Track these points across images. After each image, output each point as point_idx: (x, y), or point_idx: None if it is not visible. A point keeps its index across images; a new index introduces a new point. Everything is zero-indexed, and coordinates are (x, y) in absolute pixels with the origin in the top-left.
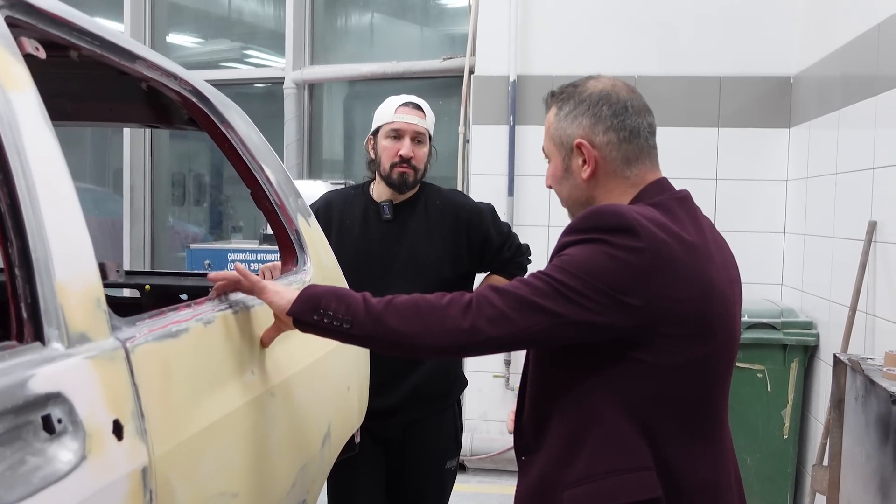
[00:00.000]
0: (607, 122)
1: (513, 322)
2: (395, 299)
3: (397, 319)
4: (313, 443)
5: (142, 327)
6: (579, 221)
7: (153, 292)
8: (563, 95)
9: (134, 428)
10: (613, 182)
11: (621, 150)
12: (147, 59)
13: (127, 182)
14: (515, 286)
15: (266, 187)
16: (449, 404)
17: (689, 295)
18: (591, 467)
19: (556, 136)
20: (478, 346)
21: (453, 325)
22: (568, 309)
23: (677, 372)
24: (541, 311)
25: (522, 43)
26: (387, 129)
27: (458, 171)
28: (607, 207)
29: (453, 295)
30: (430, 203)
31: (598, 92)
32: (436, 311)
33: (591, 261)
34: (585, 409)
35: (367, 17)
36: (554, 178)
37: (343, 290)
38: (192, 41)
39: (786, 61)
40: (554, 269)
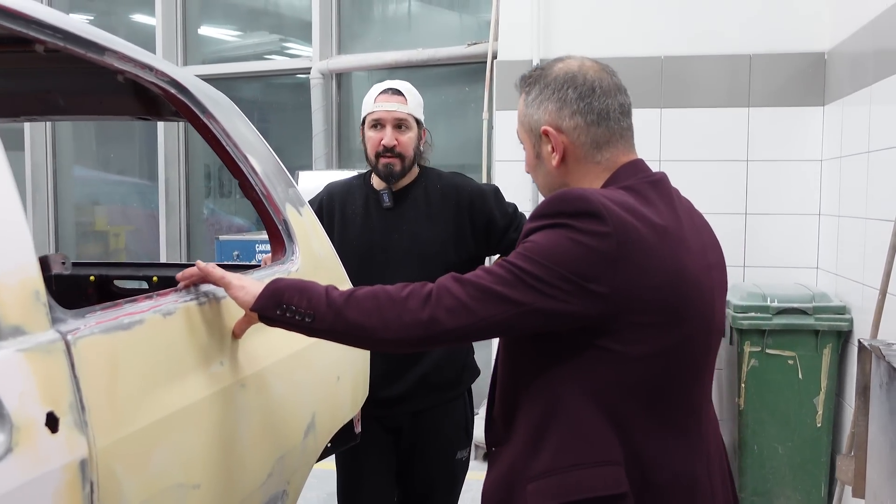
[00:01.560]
0: (573, 105)
1: (473, 312)
2: (356, 292)
3: (357, 313)
4: (293, 433)
5: (90, 319)
6: (544, 207)
7: (161, 283)
8: (531, 80)
9: (72, 420)
10: (585, 167)
11: (590, 134)
12: (118, 51)
13: (162, 174)
14: (477, 275)
15: (251, 177)
16: (459, 393)
17: (658, 281)
18: (556, 460)
19: (525, 122)
20: (437, 337)
21: (411, 318)
22: (530, 297)
23: (646, 361)
24: (502, 300)
25: (545, 26)
26: (369, 120)
27: (483, 157)
28: (572, 192)
29: (414, 286)
30: (431, 187)
31: (564, 74)
32: (395, 303)
33: (554, 247)
34: (552, 400)
35: (393, 4)
36: (528, 165)
37: (308, 283)
38: (225, 34)
39: (819, 36)
40: (517, 257)
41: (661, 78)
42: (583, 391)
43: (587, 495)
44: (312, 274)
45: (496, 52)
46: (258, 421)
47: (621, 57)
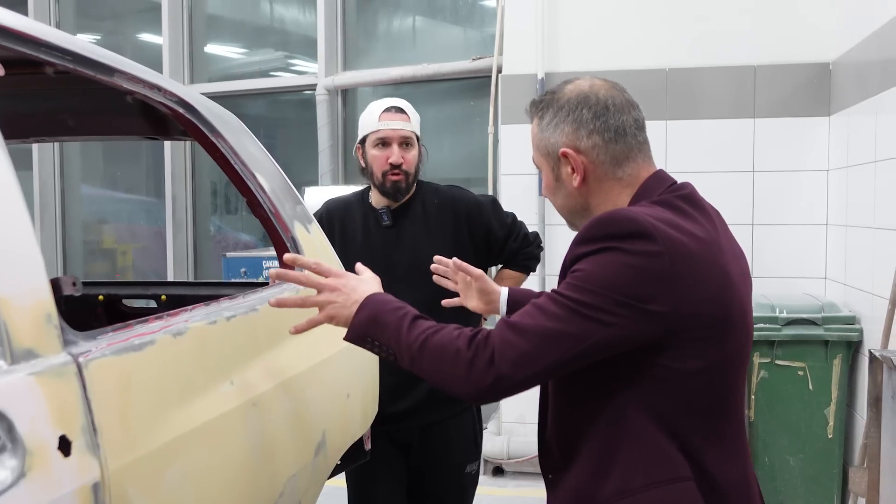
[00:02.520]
0: (589, 125)
1: (538, 359)
2: (428, 340)
3: (430, 364)
4: (304, 452)
5: (101, 341)
6: (589, 230)
7: (170, 302)
8: (542, 104)
9: (84, 443)
10: (607, 185)
11: (609, 152)
12: (126, 71)
13: (169, 192)
14: (533, 315)
15: (259, 195)
16: (466, 406)
17: (711, 294)
18: (627, 482)
19: (541, 146)
20: (509, 391)
21: (478, 381)
22: (592, 330)
23: (702, 374)
24: (564, 339)
25: (550, 40)
26: (373, 139)
27: (489, 171)
28: (618, 213)
29: (478, 341)
30: (428, 203)
31: (576, 95)
32: (461, 362)
33: (607, 272)
34: (614, 422)
35: (398, 20)
36: (547, 188)
37: (385, 313)
38: (231, 51)
39: (824, 46)
40: (570, 288)
41: (666, 90)
42: (643, 410)
43: None
44: None
45: (501, 67)
46: (269, 440)
47: (626, 70)
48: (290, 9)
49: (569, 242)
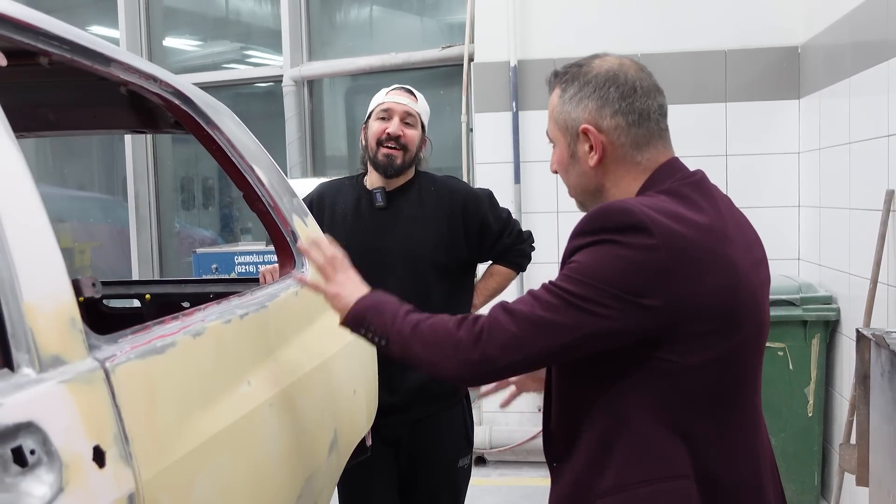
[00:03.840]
0: (615, 105)
1: (527, 345)
2: (420, 324)
3: (421, 347)
4: (319, 451)
5: (123, 344)
6: (586, 223)
7: (154, 301)
8: (567, 76)
9: (117, 453)
10: (623, 168)
11: (630, 135)
12: (123, 61)
13: (131, 189)
14: (527, 303)
15: (258, 189)
16: (457, 400)
17: (713, 286)
18: (623, 476)
19: (560, 119)
20: (494, 373)
21: (466, 358)
22: (584, 321)
23: (706, 368)
24: (556, 328)
25: (522, 27)
26: (377, 111)
27: (463, 160)
28: (614, 205)
29: (468, 320)
30: (425, 189)
31: (605, 72)
32: (451, 340)
33: (602, 265)
34: (613, 416)
35: (363, 10)
36: (560, 164)
37: (385, 303)
38: (189, 44)
39: (792, 31)
40: (564, 279)
41: None
42: (644, 405)
43: None
44: None
45: (472, 55)
46: (287, 440)
47: None
48: (248, 0)
49: (546, 232)
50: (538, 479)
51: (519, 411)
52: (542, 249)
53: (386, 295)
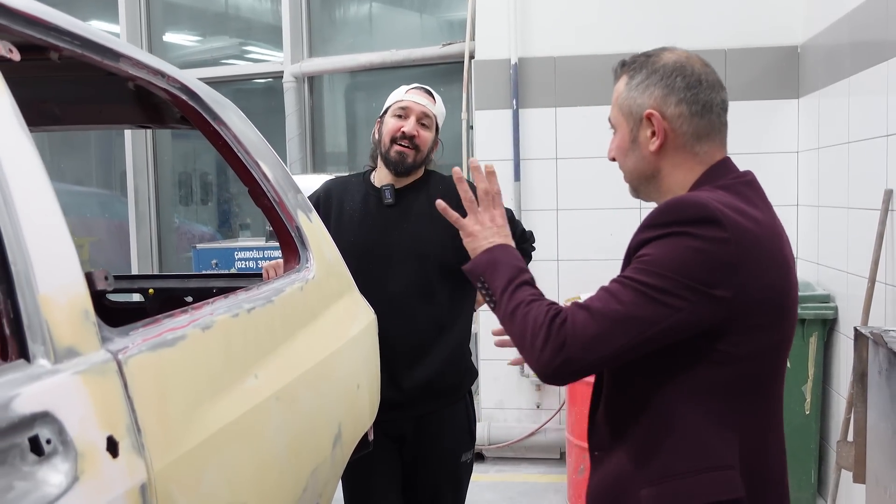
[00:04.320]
0: (680, 93)
1: (607, 343)
2: (519, 308)
3: (513, 331)
4: (324, 445)
5: (135, 337)
6: (658, 215)
7: (158, 296)
8: (635, 65)
9: (130, 443)
10: (681, 156)
11: (692, 124)
12: (132, 57)
13: (131, 184)
14: (604, 300)
15: (264, 184)
16: (461, 396)
17: (772, 281)
18: (670, 466)
19: (624, 105)
20: (578, 373)
21: (548, 359)
22: (661, 314)
23: (752, 361)
24: (636, 323)
25: (522, 24)
26: (394, 108)
27: (463, 158)
28: (687, 198)
29: (555, 320)
30: (433, 189)
31: (672, 63)
32: (538, 337)
33: (675, 257)
34: (662, 406)
35: (364, 6)
36: (620, 149)
37: (503, 265)
38: (189, 40)
39: (792, 30)
40: (639, 272)
41: None
42: (692, 395)
43: (705, 500)
44: (325, 280)
45: (473, 52)
46: (293, 434)
47: (599, 54)
48: None
49: (546, 229)
50: (536, 475)
51: (517, 408)
52: (542, 247)
53: (509, 253)
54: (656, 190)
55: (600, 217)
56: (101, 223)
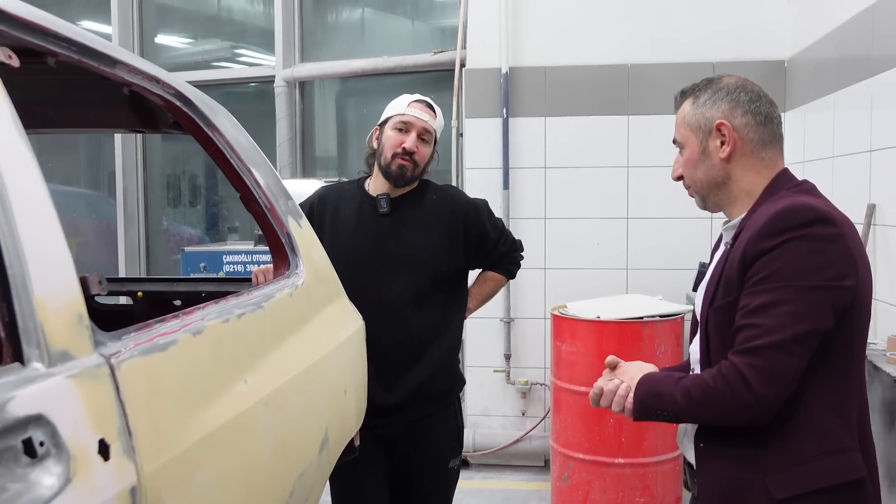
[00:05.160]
0: (745, 105)
1: (785, 370)
2: (690, 392)
3: (704, 412)
4: (310, 449)
5: (127, 341)
6: (769, 224)
7: (146, 299)
8: (698, 88)
9: (121, 447)
10: (750, 162)
11: (758, 132)
12: (128, 63)
13: (120, 185)
14: (757, 335)
15: (255, 190)
16: (451, 401)
17: (865, 271)
18: (797, 452)
19: (693, 121)
20: (773, 407)
21: (747, 408)
22: (817, 322)
23: (859, 344)
24: (800, 343)
25: (514, 34)
26: (396, 121)
27: (452, 165)
28: (793, 204)
29: (722, 375)
30: (427, 198)
31: (734, 82)
32: (724, 400)
33: (804, 262)
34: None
35: (356, 12)
36: (689, 162)
37: (659, 388)
38: (181, 42)
39: (779, 45)
40: (775, 292)
41: (628, 85)
42: (816, 382)
43: (830, 482)
44: (315, 286)
45: (464, 60)
46: (281, 438)
47: (589, 64)
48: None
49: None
50: (521, 482)
51: (503, 415)
52: (530, 255)
53: (653, 376)
54: (726, 196)
55: (588, 226)
56: (89, 224)
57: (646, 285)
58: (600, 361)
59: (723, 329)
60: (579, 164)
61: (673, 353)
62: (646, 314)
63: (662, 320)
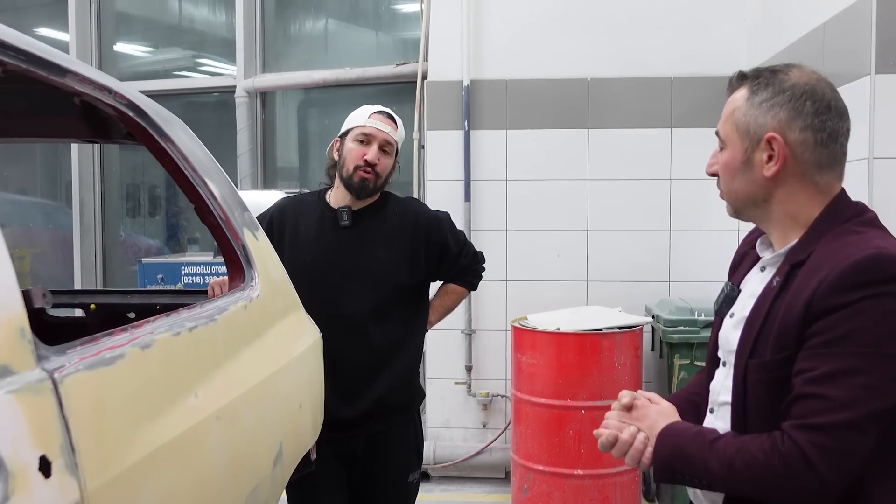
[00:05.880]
0: (808, 119)
1: (857, 452)
2: (733, 464)
3: (750, 488)
4: (264, 464)
5: (72, 355)
6: (849, 276)
7: (100, 312)
8: (761, 80)
9: (63, 463)
10: (799, 185)
11: (816, 153)
12: (78, 72)
13: (76, 195)
14: (826, 409)
15: (210, 202)
16: (410, 415)
17: None
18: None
19: (742, 122)
20: (838, 494)
21: (806, 492)
22: (892, 397)
23: None
24: (872, 419)
25: (475, 47)
26: (357, 133)
27: (414, 177)
28: (880, 254)
29: (779, 451)
30: (389, 211)
31: (803, 84)
32: (778, 478)
33: (885, 326)
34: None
35: (319, 23)
36: (727, 167)
37: (687, 449)
38: (141, 50)
39: (735, 60)
40: (850, 359)
41: (588, 99)
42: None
43: None
44: (270, 299)
45: (426, 73)
46: (232, 453)
47: (550, 78)
48: (202, 8)
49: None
50: (481, 494)
51: (464, 427)
52: (491, 267)
53: (677, 430)
54: (765, 215)
55: (549, 239)
56: (45, 234)
57: (606, 297)
58: (560, 373)
59: (771, 388)
60: (540, 177)
61: (632, 364)
62: (605, 326)
63: (622, 332)
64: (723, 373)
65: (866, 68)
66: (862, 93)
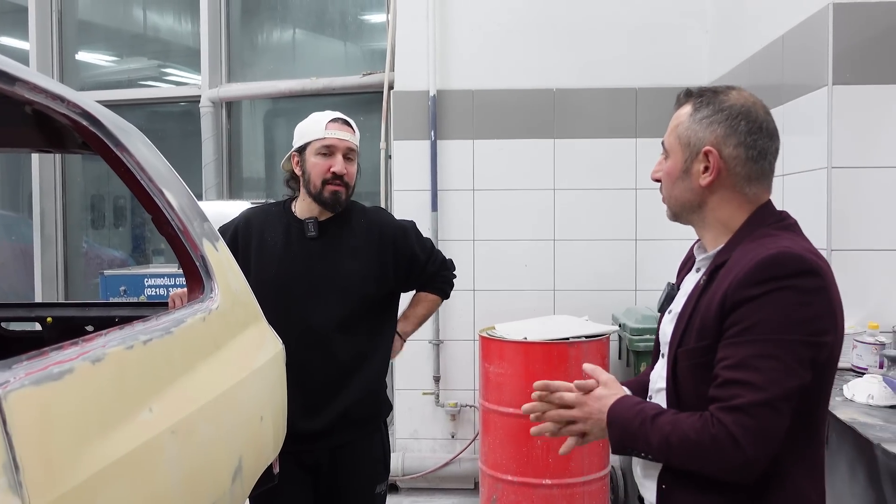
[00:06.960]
0: (741, 137)
1: (773, 428)
2: (671, 438)
3: (682, 460)
4: (222, 479)
5: (18, 370)
6: (755, 272)
7: (57, 325)
8: (703, 99)
9: (6, 482)
10: (731, 194)
11: (746, 168)
12: (28, 80)
13: (37, 206)
14: (743, 393)
15: (167, 212)
16: (377, 427)
17: (843, 322)
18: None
19: (684, 135)
20: (761, 467)
21: (731, 467)
22: (799, 377)
23: (827, 402)
24: (784, 399)
25: (441, 58)
26: (317, 146)
27: (381, 186)
28: (784, 253)
29: (707, 428)
30: (355, 221)
31: (740, 106)
32: (707, 454)
33: (788, 315)
34: None
35: (285, 32)
36: (669, 175)
37: (631, 427)
38: (105, 59)
39: (698, 72)
40: (759, 345)
41: (553, 109)
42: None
43: None
44: (230, 310)
45: (392, 83)
46: (189, 468)
47: (516, 88)
48: (167, 17)
49: (463, 259)
50: None
51: (432, 438)
52: (459, 277)
53: (622, 406)
54: (699, 220)
55: (516, 248)
56: (5, 246)
57: (572, 306)
58: (528, 382)
59: (696, 373)
60: (507, 187)
61: None
62: (572, 335)
63: (588, 341)
64: (661, 363)
65: (824, 79)
66: (820, 104)
